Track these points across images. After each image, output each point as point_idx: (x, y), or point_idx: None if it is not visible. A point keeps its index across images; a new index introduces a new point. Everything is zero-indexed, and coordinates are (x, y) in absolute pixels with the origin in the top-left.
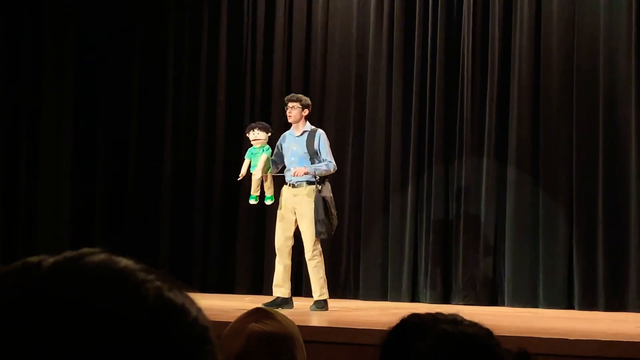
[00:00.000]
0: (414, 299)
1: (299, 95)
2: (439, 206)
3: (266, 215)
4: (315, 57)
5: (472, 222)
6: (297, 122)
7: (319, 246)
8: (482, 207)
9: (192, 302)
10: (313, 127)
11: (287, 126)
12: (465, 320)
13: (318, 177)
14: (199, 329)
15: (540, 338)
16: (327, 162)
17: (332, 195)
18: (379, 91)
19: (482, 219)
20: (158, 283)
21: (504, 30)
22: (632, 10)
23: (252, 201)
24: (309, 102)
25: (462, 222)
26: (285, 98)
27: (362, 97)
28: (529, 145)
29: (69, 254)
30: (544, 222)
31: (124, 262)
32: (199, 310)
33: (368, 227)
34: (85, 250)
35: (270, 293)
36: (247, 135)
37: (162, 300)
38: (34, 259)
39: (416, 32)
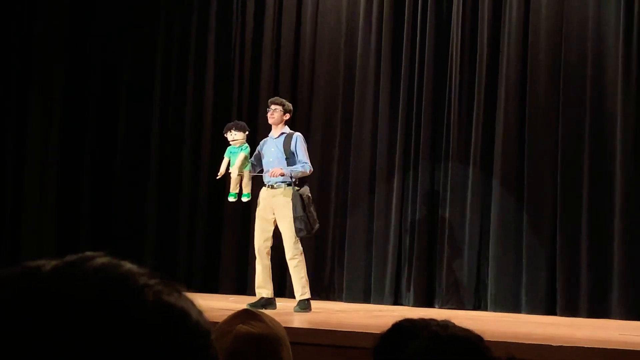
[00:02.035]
0: (396, 301)
1: (283, 99)
2: (424, 210)
3: (251, 215)
4: (303, 57)
5: (456, 227)
6: (278, 124)
7: (300, 246)
8: (467, 212)
9: (194, 306)
10: (291, 130)
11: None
12: (457, 326)
13: (295, 179)
14: (200, 333)
15: (523, 343)
16: (303, 164)
17: (310, 195)
18: (367, 93)
19: (467, 224)
20: (159, 287)
21: (492, 34)
22: (620, 14)
23: (231, 198)
24: (291, 107)
25: (447, 226)
26: (269, 100)
27: (349, 99)
28: (514, 150)
29: (70, 257)
30: (528, 227)
31: (126, 266)
32: (200, 314)
33: (352, 230)
34: (88, 253)
35: (254, 293)
36: (225, 135)
37: (161, 304)
38: (34, 262)
39: (405, 35)
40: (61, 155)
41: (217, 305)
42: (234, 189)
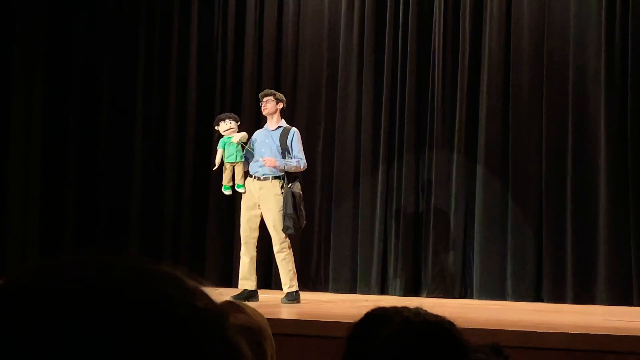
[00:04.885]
0: (383, 291)
1: (273, 90)
2: (409, 199)
3: (236, 207)
4: (286, 49)
5: (441, 215)
6: (272, 114)
7: (287, 239)
8: (452, 200)
9: (202, 294)
10: (288, 125)
11: (259, 119)
12: (429, 312)
13: (285, 173)
14: (209, 322)
15: (509, 330)
16: (298, 160)
17: (301, 193)
18: (350, 84)
19: (452, 212)
20: (187, 285)
21: (474, 24)
22: (601, 8)
23: (227, 191)
24: (283, 97)
25: (432, 215)
26: (259, 94)
27: (333, 90)
28: (498, 139)
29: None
30: (513, 215)
31: (148, 261)
32: (209, 299)
33: (338, 220)
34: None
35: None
36: (216, 128)
37: (190, 309)
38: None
39: (387, 25)
40: (45, 148)
41: None
42: (227, 181)
